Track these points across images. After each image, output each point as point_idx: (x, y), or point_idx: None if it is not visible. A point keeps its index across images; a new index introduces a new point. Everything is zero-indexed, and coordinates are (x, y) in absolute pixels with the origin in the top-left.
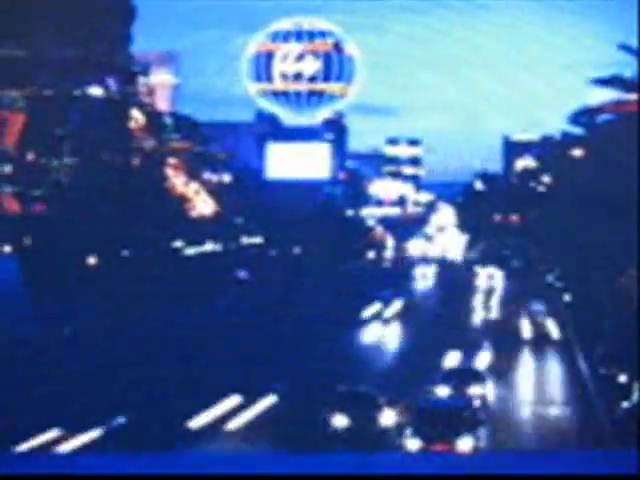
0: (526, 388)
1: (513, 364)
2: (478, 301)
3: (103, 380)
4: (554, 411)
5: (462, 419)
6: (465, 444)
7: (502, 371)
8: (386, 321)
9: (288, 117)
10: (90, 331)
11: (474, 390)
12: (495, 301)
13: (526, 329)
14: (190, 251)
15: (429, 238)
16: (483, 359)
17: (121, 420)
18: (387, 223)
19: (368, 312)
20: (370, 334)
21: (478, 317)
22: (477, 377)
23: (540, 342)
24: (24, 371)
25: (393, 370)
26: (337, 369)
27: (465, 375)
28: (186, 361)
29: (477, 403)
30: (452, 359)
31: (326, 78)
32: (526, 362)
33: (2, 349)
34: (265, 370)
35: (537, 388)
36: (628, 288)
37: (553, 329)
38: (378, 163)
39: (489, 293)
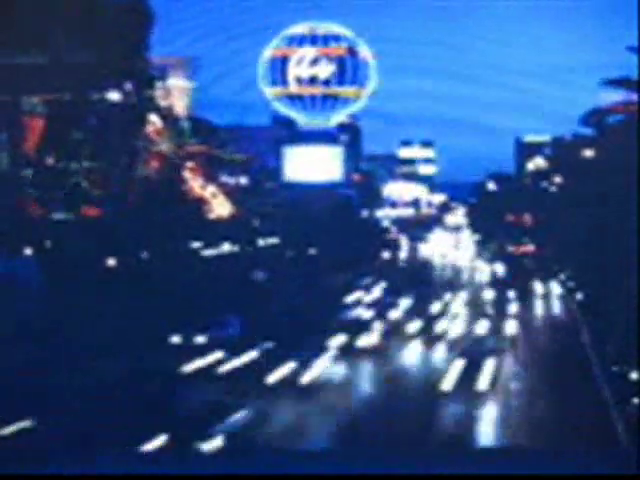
0: None
1: None
2: None
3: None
4: None
5: None
6: None
7: None
8: None
9: (303, 120)
10: (107, 331)
11: None
12: None
13: None
14: (208, 252)
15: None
16: None
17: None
18: (401, 224)
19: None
20: None
21: None
22: None
23: None
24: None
25: None
26: None
27: None
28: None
29: None
30: None
31: (340, 82)
32: None
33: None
34: None
35: None
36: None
37: None
38: (392, 165)
39: None
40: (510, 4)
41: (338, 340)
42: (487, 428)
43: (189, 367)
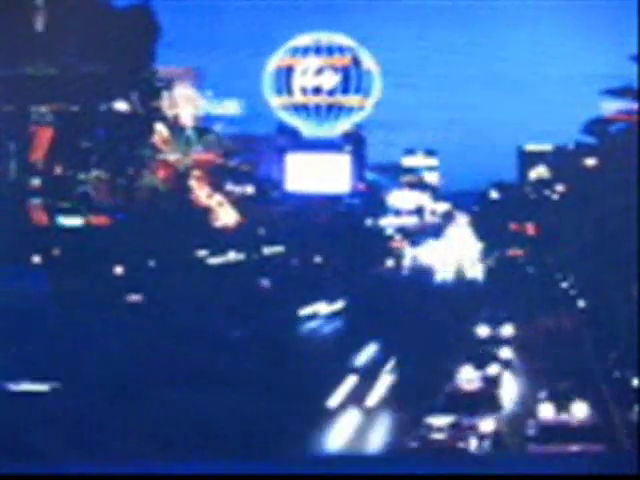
0: None
1: None
2: None
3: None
4: None
5: None
6: None
7: None
8: None
9: (308, 130)
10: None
11: None
12: None
13: None
14: (214, 260)
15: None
16: None
17: None
18: (405, 232)
19: None
20: None
21: None
22: None
23: None
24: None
25: None
26: None
27: None
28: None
29: None
30: None
31: (345, 91)
32: None
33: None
34: None
35: None
36: None
37: None
38: (396, 174)
39: None
40: (514, 13)
41: None
42: None
43: None
